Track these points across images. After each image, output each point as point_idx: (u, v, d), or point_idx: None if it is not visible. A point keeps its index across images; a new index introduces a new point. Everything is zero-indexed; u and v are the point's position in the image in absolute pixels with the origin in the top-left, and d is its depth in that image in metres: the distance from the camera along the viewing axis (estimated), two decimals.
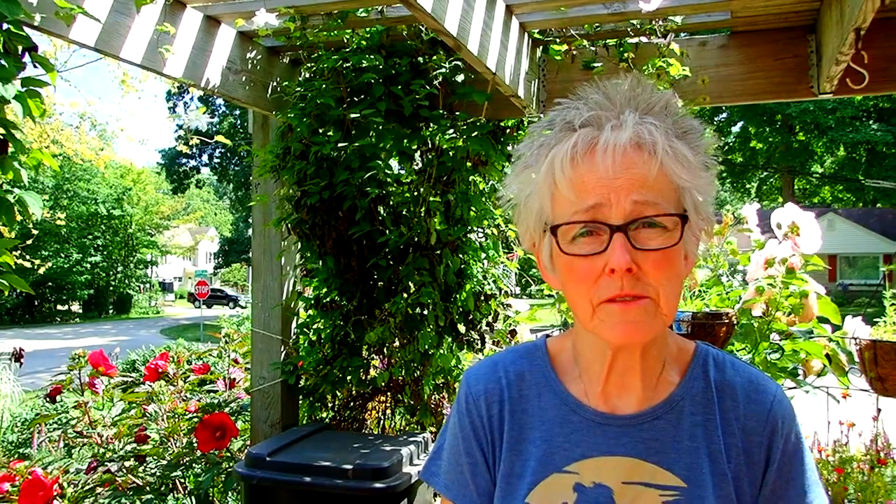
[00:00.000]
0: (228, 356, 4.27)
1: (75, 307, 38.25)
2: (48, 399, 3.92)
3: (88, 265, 36.03)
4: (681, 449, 1.03)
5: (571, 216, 0.97)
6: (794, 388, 2.60)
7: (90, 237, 36.58)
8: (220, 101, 31.52)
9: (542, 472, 1.06)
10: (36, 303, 35.88)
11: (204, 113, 2.64)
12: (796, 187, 36.26)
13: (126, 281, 39.58)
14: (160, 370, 3.83)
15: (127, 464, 3.41)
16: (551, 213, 1.02)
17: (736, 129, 34.74)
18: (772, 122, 32.85)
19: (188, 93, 34.33)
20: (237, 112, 35.96)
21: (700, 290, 2.90)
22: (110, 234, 37.84)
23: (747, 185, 37.88)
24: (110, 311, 39.33)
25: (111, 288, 38.93)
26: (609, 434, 1.05)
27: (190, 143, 6.32)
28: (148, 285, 43.59)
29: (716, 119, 32.62)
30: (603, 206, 0.95)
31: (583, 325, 1.03)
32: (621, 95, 1.00)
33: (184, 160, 42.59)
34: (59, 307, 37.34)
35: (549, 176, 1.00)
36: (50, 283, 34.64)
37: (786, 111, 30.45)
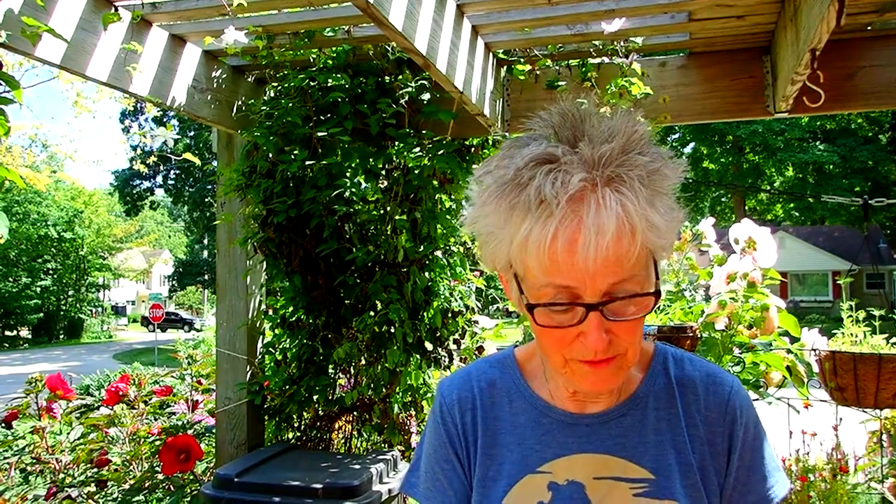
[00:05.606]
0: (192, 377, 4.21)
1: (24, 332, 37.16)
2: (3, 424, 3.82)
3: (38, 289, 35.09)
4: (647, 443, 1.09)
5: (544, 287, 0.95)
6: (757, 399, 2.66)
7: (40, 260, 35.64)
8: (174, 121, 31.11)
9: (516, 475, 1.10)
10: None
11: (170, 131, 2.61)
12: (748, 206, 37.05)
13: (77, 305, 38.55)
14: (121, 393, 3.76)
15: (87, 489, 3.33)
16: (523, 275, 0.98)
17: (688, 149, 35.44)
18: (723, 143, 33.58)
19: (143, 113, 33.81)
20: (191, 133, 35.53)
21: (664, 304, 2.95)
22: (61, 258, 36.92)
23: (700, 205, 38.62)
24: (61, 337, 38.20)
25: (62, 312, 37.90)
26: (579, 433, 1.10)
27: (148, 162, 6.26)
28: (100, 309, 42.55)
29: (669, 139, 33.24)
30: (577, 287, 0.93)
31: (553, 370, 1.06)
32: (589, 148, 0.93)
33: (137, 182, 41.86)
34: (7, 332, 36.23)
35: (522, 251, 0.94)
36: None
37: (736, 132, 31.14)
